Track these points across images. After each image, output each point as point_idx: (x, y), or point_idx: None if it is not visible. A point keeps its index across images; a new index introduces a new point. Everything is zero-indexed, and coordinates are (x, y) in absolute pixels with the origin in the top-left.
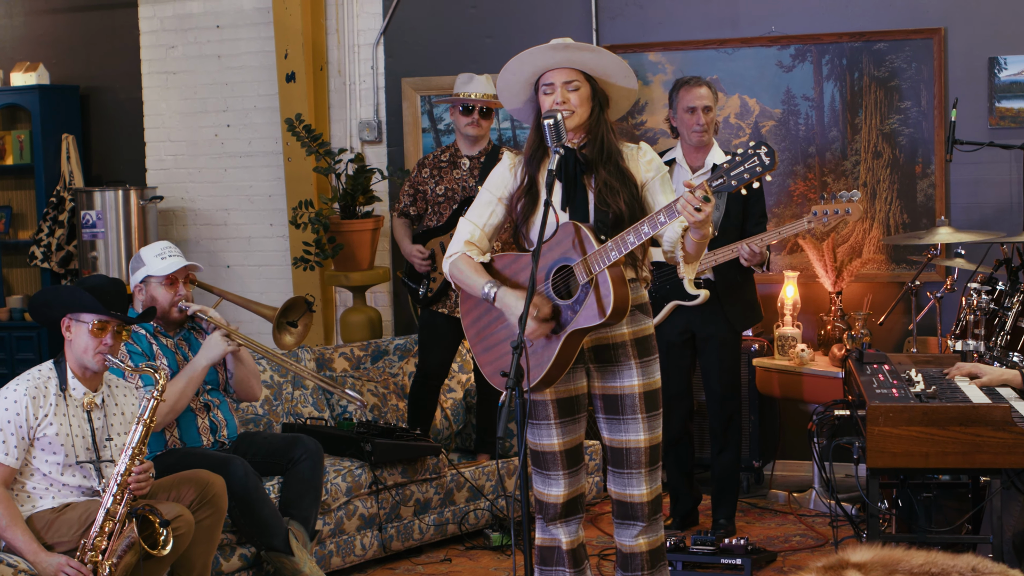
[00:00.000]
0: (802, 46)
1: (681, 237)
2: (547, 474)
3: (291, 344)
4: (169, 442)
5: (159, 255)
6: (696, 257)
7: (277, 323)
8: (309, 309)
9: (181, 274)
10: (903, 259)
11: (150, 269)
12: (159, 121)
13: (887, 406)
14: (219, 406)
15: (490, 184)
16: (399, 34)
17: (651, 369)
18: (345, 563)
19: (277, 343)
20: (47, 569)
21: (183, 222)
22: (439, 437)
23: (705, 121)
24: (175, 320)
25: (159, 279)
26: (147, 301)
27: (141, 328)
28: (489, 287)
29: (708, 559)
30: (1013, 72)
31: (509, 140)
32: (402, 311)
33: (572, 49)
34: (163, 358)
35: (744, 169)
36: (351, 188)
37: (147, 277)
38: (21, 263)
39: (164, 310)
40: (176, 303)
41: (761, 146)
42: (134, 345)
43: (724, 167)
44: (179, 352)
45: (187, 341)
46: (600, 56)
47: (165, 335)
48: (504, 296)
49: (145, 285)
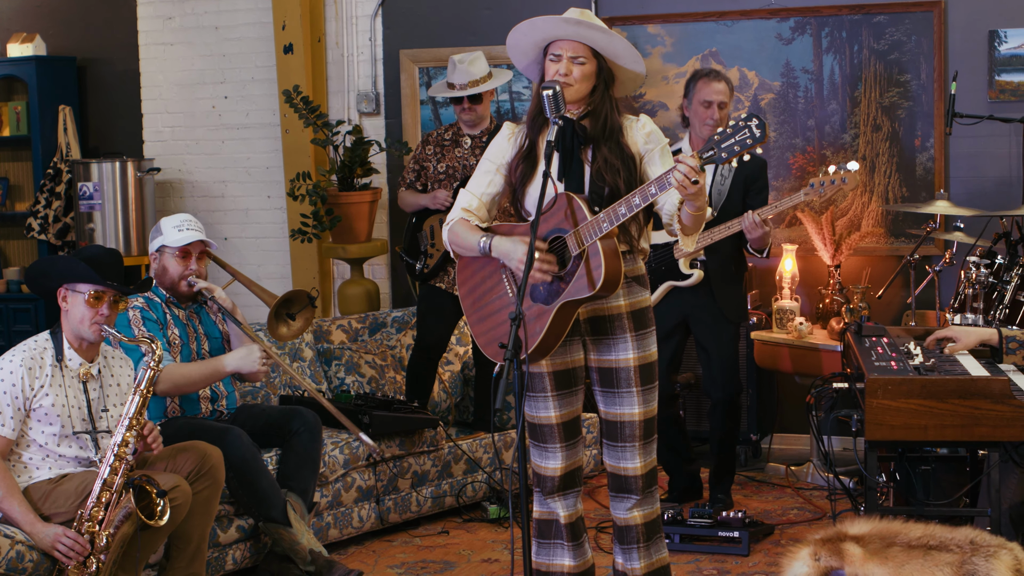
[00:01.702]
0: (801, 18)
1: (678, 209)
2: (544, 447)
3: (285, 335)
4: (168, 408)
5: (177, 227)
6: (694, 229)
7: (275, 312)
8: (311, 304)
9: (195, 248)
10: (902, 232)
11: (166, 239)
12: (156, 93)
13: (886, 379)
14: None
15: (489, 154)
16: (397, 5)
17: (647, 342)
18: (343, 535)
19: (271, 332)
20: (44, 540)
21: (180, 194)
22: (437, 410)
23: (719, 116)
24: (184, 293)
25: (172, 250)
26: (159, 270)
27: (156, 296)
28: (484, 240)
29: (706, 532)
30: (1013, 45)
31: (507, 113)
32: (400, 283)
33: (584, 26)
34: (174, 327)
35: (735, 141)
36: (349, 160)
37: (162, 247)
38: (18, 235)
39: (173, 281)
40: (186, 276)
41: (752, 118)
42: (149, 312)
43: (715, 139)
44: (190, 324)
45: (198, 315)
46: (611, 38)
47: (178, 306)
48: (500, 243)
49: (159, 254)
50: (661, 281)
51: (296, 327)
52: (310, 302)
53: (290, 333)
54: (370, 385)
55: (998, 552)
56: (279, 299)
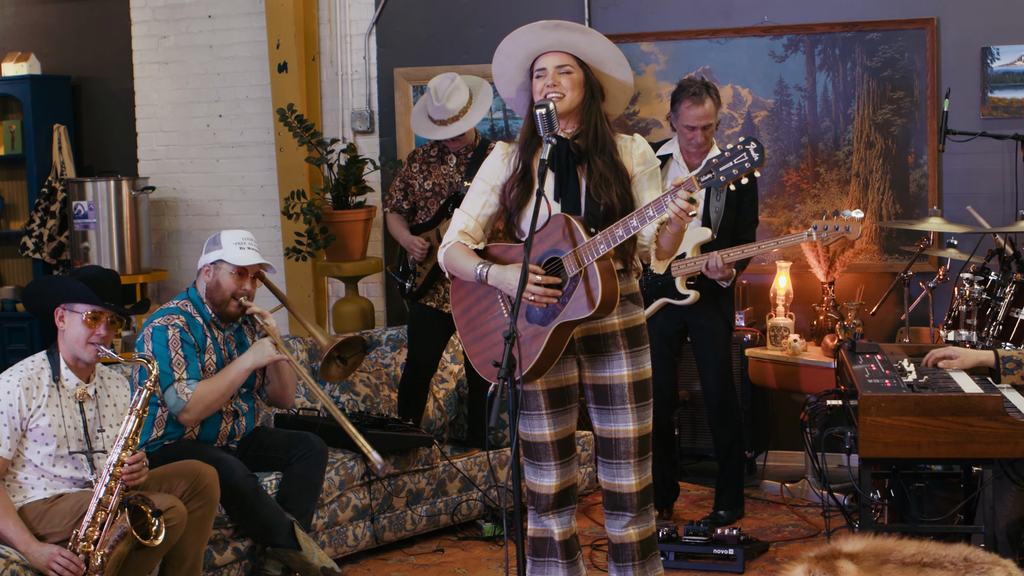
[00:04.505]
0: (795, 36)
1: (657, 231)
2: (539, 465)
3: (335, 376)
4: (187, 434)
5: (239, 244)
6: (669, 253)
7: (328, 355)
8: (364, 351)
9: (253, 269)
10: (895, 249)
11: (225, 255)
12: (151, 111)
13: (879, 396)
14: (246, 414)
15: (483, 174)
16: (391, 24)
17: (641, 359)
18: (338, 554)
19: (322, 372)
20: (39, 560)
21: (175, 212)
22: (431, 428)
23: (704, 138)
24: (231, 313)
25: (231, 267)
26: (212, 284)
27: (199, 317)
28: (481, 268)
29: (700, 549)
30: (1006, 62)
31: (501, 131)
32: (394, 302)
33: (563, 29)
34: (212, 353)
35: (733, 165)
36: (343, 178)
37: (219, 261)
38: (12, 254)
39: (224, 299)
40: (239, 296)
41: (751, 142)
42: (189, 335)
43: (713, 162)
44: (227, 348)
45: (237, 337)
46: (592, 38)
47: (219, 327)
48: (496, 272)
49: (215, 268)
50: (656, 297)
51: (347, 369)
52: (363, 348)
53: (340, 374)
54: (365, 403)
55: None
56: (337, 343)
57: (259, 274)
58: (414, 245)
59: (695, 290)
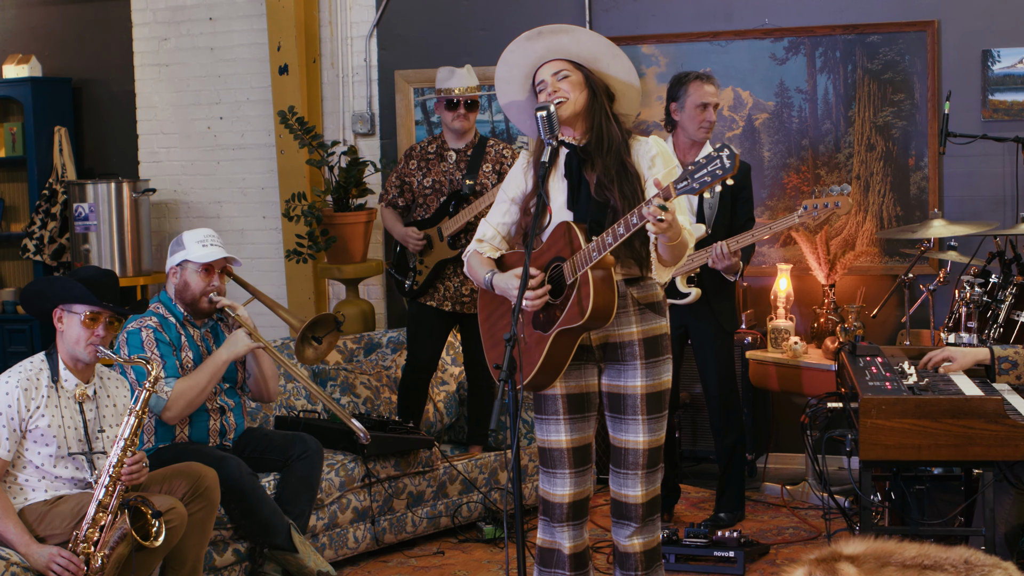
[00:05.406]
0: (795, 39)
1: (654, 239)
2: (553, 473)
3: (311, 358)
4: (178, 437)
5: (201, 242)
6: (672, 262)
7: (301, 335)
8: (337, 328)
9: (218, 264)
10: (896, 252)
11: (189, 254)
12: (152, 113)
13: (880, 398)
14: (233, 409)
15: (505, 185)
16: (392, 26)
17: (658, 370)
18: (338, 556)
19: (297, 354)
20: (39, 561)
21: (176, 215)
22: (432, 430)
23: (714, 117)
24: (204, 310)
25: (196, 266)
26: (180, 285)
27: (172, 317)
28: (488, 275)
29: (701, 552)
30: (1006, 65)
31: (502, 132)
32: (395, 304)
33: (546, 35)
34: (188, 350)
35: (707, 172)
36: (344, 181)
37: (184, 261)
38: (13, 256)
39: (195, 297)
40: (208, 293)
41: (724, 148)
42: (163, 334)
43: (689, 169)
44: (203, 344)
45: (213, 333)
46: (576, 36)
47: (193, 325)
48: (499, 279)
49: (180, 269)
50: None
51: (322, 350)
52: (336, 326)
53: (316, 355)
54: (365, 405)
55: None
56: (307, 323)
57: (225, 268)
58: (409, 237)
59: (697, 288)
